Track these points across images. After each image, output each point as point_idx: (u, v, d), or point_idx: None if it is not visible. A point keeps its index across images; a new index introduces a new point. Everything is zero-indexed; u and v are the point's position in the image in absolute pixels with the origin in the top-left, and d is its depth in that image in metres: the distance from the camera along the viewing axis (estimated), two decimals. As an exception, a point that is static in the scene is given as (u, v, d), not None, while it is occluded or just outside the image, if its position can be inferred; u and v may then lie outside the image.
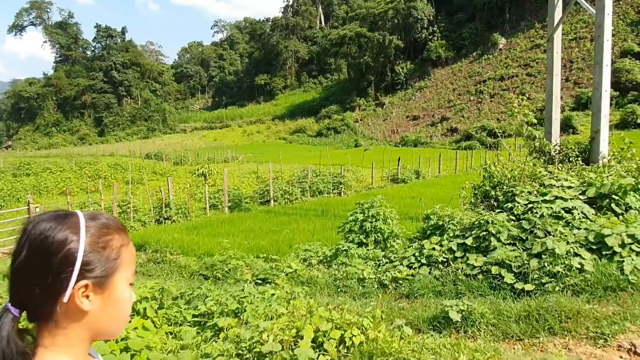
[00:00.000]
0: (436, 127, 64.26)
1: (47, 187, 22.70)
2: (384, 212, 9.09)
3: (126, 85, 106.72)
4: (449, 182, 22.78)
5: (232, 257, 8.40)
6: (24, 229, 0.95)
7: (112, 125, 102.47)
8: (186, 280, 8.20)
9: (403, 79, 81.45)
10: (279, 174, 25.96)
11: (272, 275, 7.43)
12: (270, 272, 7.51)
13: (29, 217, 11.94)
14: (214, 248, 10.63)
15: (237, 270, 8.12)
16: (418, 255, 7.04)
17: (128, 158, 54.97)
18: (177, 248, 10.75)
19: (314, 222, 13.50)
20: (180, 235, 12.15)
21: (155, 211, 14.62)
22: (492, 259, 6.01)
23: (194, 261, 9.08)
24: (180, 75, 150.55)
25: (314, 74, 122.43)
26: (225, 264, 8.30)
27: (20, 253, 0.92)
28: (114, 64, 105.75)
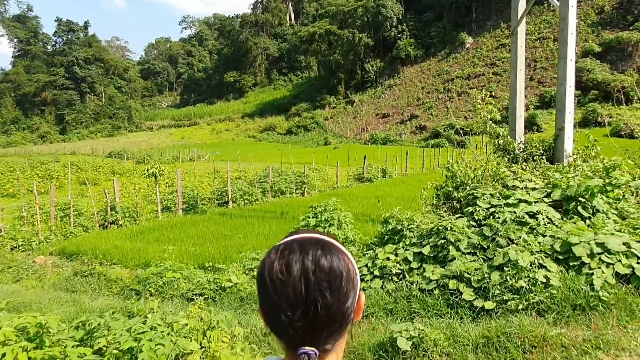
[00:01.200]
0: (405, 125, 64.29)
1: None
2: (338, 216, 8.37)
3: (89, 82, 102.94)
4: (415, 180, 22.33)
5: (168, 268, 7.51)
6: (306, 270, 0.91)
7: (74, 122, 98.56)
8: (114, 297, 7.27)
9: (373, 77, 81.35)
10: (242, 174, 25.03)
11: (210, 290, 6.60)
12: (207, 286, 6.67)
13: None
14: (157, 256, 9.70)
15: (172, 283, 7.25)
16: (371, 265, 6.34)
17: (90, 157, 52.77)
18: (116, 257, 9.76)
19: (271, 225, 12.69)
20: (123, 242, 11.15)
21: (100, 215, 13.52)
22: (449, 272, 5.35)
23: (128, 273, 8.15)
24: (147, 71, 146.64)
25: (284, 72, 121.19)
26: (160, 277, 7.42)
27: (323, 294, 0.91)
28: (76, 60, 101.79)
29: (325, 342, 0.94)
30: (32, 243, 11.30)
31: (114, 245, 10.55)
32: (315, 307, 0.90)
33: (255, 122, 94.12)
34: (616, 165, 6.99)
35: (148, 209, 16.06)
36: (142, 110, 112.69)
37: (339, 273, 0.93)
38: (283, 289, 0.90)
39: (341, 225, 8.32)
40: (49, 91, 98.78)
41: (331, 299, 0.91)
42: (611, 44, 54.25)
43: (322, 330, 0.92)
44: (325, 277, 0.91)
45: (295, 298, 0.90)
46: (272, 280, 0.92)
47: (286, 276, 0.91)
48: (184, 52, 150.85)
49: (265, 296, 0.93)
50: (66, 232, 12.28)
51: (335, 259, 0.94)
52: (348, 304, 0.94)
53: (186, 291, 6.81)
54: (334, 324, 0.93)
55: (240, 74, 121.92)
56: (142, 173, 15.11)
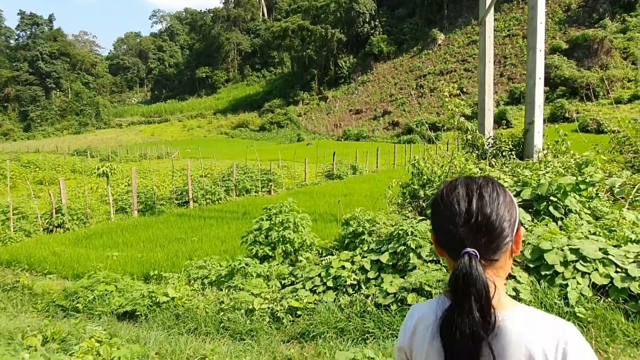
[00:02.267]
0: (378, 121, 64.05)
1: None
2: (295, 218, 7.68)
3: (55, 77, 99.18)
4: (385, 177, 21.81)
5: (100, 280, 6.68)
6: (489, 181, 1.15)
7: (39, 119, 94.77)
8: (38, 315, 6.41)
9: (346, 72, 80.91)
10: (208, 172, 24.07)
11: (142, 307, 5.82)
12: (141, 301, 5.89)
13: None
14: (100, 264, 8.82)
15: (103, 298, 6.43)
16: (324, 275, 5.67)
17: (54, 155, 50.62)
18: (52, 266, 8.83)
19: (230, 226, 11.91)
20: (64, 248, 10.19)
21: (46, 217, 12.47)
22: (409, 283, 4.72)
23: (61, 285, 7.26)
24: (116, 67, 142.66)
25: (258, 67, 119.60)
26: (91, 291, 6.58)
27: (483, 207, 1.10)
28: (41, 54, 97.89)
29: (485, 250, 1.07)
30: (-38, 250, 10.25)
31: (53, 252, 9.59)
32: (476, 216, 1.07)
33: (228, 118, 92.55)
34: (588, 161, 6.51)
35: (102, 211, 15.05)
36: (110, 106, 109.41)
37: (496, 195, 1.11)
38: (450, 205, 1.11)
39: (298, 228, 7.63)
40: (11, 87, 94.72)
41: (489, 211, 1.08)
42: (578, 41, 55.16)
43: (482, 236, 1.07)
44: (486, 196, 1.10)
45: (459, 209, 1.09)
46: (442, 200, 1.15)
47: (453, 194, 1.13)
48: (155, 47, 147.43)
49: (437, 215, 1.16)
50: (4, 238, 11.22)
51: (497, 187, 1.14)
52: (505, 225, 1.08)
53: (117, 307, 6.00)
54: (492, 235, 1.07)
55: (213, 69, 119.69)
56: (92, 172, 14.08)
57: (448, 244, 1.10)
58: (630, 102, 45.62)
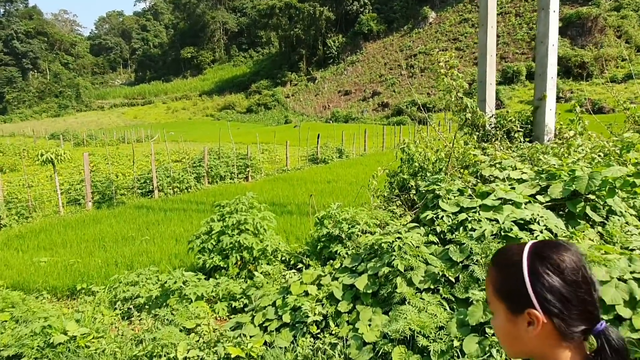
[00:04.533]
0: (368, 102, 62.24)
1: None
2: (254, 218, 6.09)
3: (31, 57, 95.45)
4: (373, 161, 20.26)
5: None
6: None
7: (15, 102, 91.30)
8: None
9: (335, 52, 78.61)
10: (184, 156, 22.34)
11: (31, 349, 4.23)
12: (30, 341, 4.29)
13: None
14: (23, 272, 7.21)
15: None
16: (280, 305, 4.12)
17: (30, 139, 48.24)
18: (-39, 276, 7.18)
19: (192, 221, 10.31)
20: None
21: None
22: (394, 330, 3.18)
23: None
24: (98, 47, 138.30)
25: (245, 47, 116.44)
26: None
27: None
28: (16, 33, 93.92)
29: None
30: None
31: (-32, 258, 7.96)
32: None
33: (214, 100, 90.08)
34: (631, 145, 4.98)
35: (54, 203, 13.32)
36: (92, 88, 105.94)
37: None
38: (581, 272, 1.04)
39: (258, 231, 6.06)
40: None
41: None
42: (571, 19, 53.55)
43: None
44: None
45: (590, 277, 1.05)
46: (569, 269, 1.04)
47: (574, 260, 1.05)
48: (138, 27, 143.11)
49: (570, 286, 1.03)
50: None
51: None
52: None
53: (2, 348, 4.42)
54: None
55: (198, 49, 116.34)
56: (35, 159, 12.34)
57: (584, 318, 1.02)
58: (625, 81, 44.32)
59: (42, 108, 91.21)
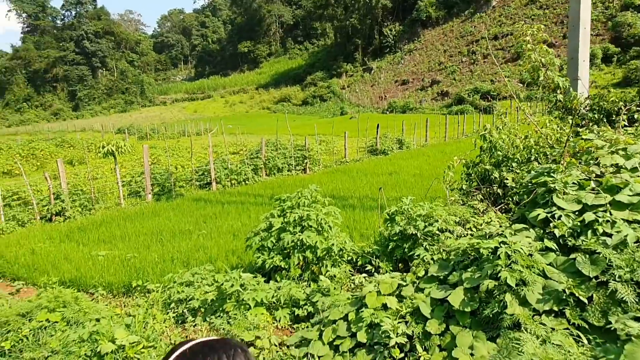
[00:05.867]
0: (426, 91, 60.13)
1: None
2: (318, 214, 5.46)
3: (100, 56, 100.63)
4: (436, 152, 19.15)
5: (42, 306, 4.78)
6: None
7: (86, 99, 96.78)
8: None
9: (391, 41, 76.59)
10: (241, 147, 22.24)
11: (77, 358, 3.84)
12: (77, 349, 3.90)
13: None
14: (81, 266, 7.04)
15: (42, 333, 4.53)
16: (354, 319, 3.45)
17: (99, 133, 50.70)
18: (23, 270, 7.12)
19: (250, 214, 9.90)
20: (50, 243, 8.52)
21: (45, 204, 10.96)
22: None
23: (5, 307, 5.44)
24: (160, 45, 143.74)
25: (300, 40, 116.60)
26: (28, 320, 4.71)
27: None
28: (86, 33, 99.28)
29: None
30: (-59, 245, 8.82)
31: (31, 250, 7.93)
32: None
33: (270, 93, 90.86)
34: None
35: (116, 195, 13.44)
36: (155, 84, 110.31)
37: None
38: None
39: (322, 228, 5.43)
40: (60, 67, 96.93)
41: None
42: None
43: None
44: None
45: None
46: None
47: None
48: (198, 24, 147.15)
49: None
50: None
51: (240, 353, 0.95)
52: None
53: (49, 354, 4.08)
54: None
55: (255, 43, 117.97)
56: (97, 152, 12.43)
57: None
58: None
59: (110, 104, 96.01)
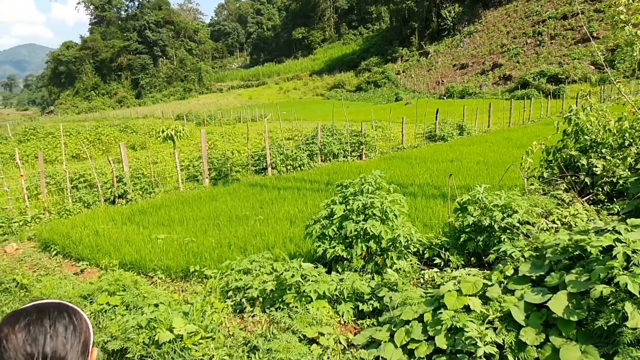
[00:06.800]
0: (487, 75, 57.46)
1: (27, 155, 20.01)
2: (383, 201, 5.06)
3: (161, 45, 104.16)
4: (500, 138, 18.08)
5: (103, 288, 4.73)
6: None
7: (148, 86, 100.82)
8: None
9: (450, 24, 73.71)
10: (296, 133, 22.11)
11: (137, 345, 3.71)
12: (135, 335, 3.78)
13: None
14: (141, 248, 7.08)
15: (103, 316, 4.48)
16: (431, 322, 3.05)
17: (159, 120, 52.59)
18: (87, 250, 7.26)
19: (307, 200, 9.66)
20: (112, 225, 8.68)
21: (108, 187, 11.27)
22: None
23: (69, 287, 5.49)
24: (217, 33, 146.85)
25: (354, 25, 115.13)
26: (90, 302, 4.68)
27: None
28: (148, 23, 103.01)
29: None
30: (14, 224, 9.22)
31: (95, 232, 8.08)
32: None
33: (324, 79, 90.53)
34: None
35: (175, 179, 13.66)
36: (212, 72, 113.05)
37: (72, 330, 1.08)
38: (16, 350, 1.00)
39: (387, 217, 5.04)
40: (124, 56, 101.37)
41: (62, 352, 1.04)
42: None
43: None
44: (61, 333, 1.06)
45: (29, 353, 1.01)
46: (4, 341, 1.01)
47: (19, 336, 1.01)
48: (253, 11, 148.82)
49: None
50: (60, 210, 10.12)
51: (72, 317, 1.11)
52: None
53: (108, 339, 3.99)
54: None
55: (309, 29, 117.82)
56: (156, 137, 12.62)
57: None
58: None
59: (170, 92, 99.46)
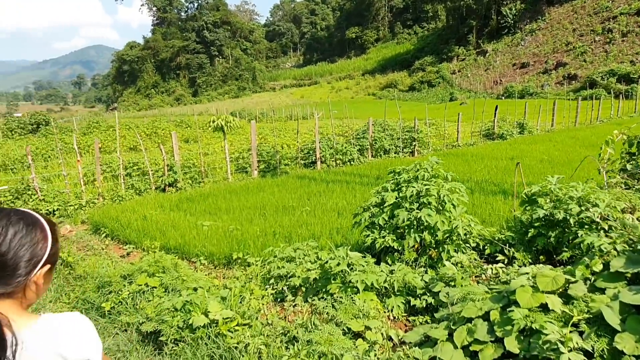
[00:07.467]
0: (549, 74, 54.52)
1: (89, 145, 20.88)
2: (440, 189, 4.60)
3: (217, 45, 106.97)
4: (566, 137, 16.87)
5: (142, 269, 4.58)
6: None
7: (204, 85, 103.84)
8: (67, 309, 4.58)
9: (511, 21, 70.62)
10: (346, 129, 21.77)
11: (169, 328, 3.48)
12: (170, 318, 3.55)
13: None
14: (186, 234, 6.97)
15: (140, 297, 4.31)
16: (499, 321, 2.60)
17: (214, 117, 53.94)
18: (133, 234, 7.25)
19: (355, 193, 9.28)
20: (160, 211, 8.68)
21: (160, 175, 11.39)
22: None
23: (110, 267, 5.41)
24: (272, 33, 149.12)
25: (409, 24, 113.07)
26: (129, 283, 4.53)
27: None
28: (206, 24, 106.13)
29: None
30: (70, 208, 9.46)
31: (143, 217, 8.10)
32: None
33: (376, 79, 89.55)
34: None
35: (224, 170, 13.69)
36: (265, 71, 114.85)
37: (22, 235, 1.14)
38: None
39: (444, 207, 4.58)
40: (182, 56, 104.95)
41: (5, 250, 1.11)
42: None
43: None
44: (9, 235, 1.13)
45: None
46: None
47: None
48: (308, 11, 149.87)
49: None
50: (114, 196, 10.31)
51: (28, 226, 1.16)
52: (20, 264, 1.13)
53: (143, 321, 3.81)
54: (3, 272, 1.11)
55: (363, 29, 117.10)
56: (208, 126, 12.64)
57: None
58: None
59: (224, 90, 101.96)
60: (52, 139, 21.37)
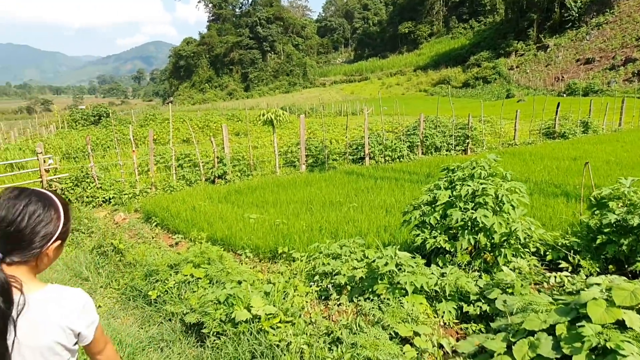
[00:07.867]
0: (617, 71, 51.16)
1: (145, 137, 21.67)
2: (498, 188, 4.30)
3: (270, 41, 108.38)
4: (636, 138, 15.70)
5: (188, 260, 4.59)
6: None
7: (256, 80, 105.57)
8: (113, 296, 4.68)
9: (575, 14, 66.80)
10: (396, 126, 21.34)
11: (214, 321, 3.43)
12: (213, 311, 3.51)
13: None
14: (233, 226, 7.00)
15: (186, 288, 4.32)
16: (567, 337, 2.34)
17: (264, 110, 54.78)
18: (182, 223, 7.37)
19: (404, 191, 9.00)
20: (208, 203, 8.79)
21: (210, 167, 11.57)
22: None
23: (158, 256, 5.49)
24: (324, 29, 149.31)
25: (465, 18, 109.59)
26: (175, 272, 4.55)
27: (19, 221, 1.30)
28: (259, 20, 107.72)
29: (10, 253, 1.26)
30: (124, 196, 9.79)
31: (192, 207, 8.22)
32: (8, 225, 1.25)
33: (428, 75, 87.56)
34: None
35: (272, 164, 13.75)
36: (316, 66, 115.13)
37: (40, 213, 1.30)
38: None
39: (501, 207, 4.27)
40: (236, 51, 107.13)
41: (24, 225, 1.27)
42: None
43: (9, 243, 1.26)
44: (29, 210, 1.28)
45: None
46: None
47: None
48: (360, 6, 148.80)
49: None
50: (165, 186, 10.58)
51: (46, 205, 1.32)
52: (35, 239, 1.29)
53: (187, 311, 3.79)
54: (20, 244, 1.27)
55: (416, 24, 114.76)
56: (258, 119, 12.70)
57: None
58: None
59: (275, 85, 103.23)
60: (111, 130, 22.35)
